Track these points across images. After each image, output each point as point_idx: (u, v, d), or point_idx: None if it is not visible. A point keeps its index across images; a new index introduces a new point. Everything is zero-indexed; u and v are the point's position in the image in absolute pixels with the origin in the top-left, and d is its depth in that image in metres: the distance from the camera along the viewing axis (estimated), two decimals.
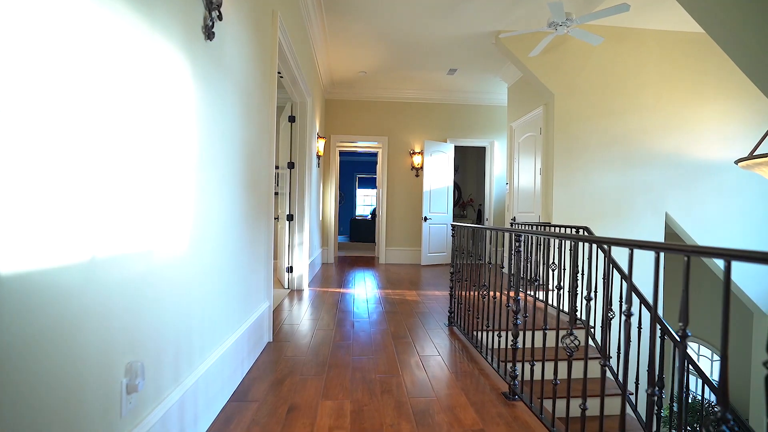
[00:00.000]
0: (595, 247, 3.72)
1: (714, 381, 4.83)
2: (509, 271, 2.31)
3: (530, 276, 2.18)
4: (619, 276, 2.83)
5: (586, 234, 3.40)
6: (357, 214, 13.07)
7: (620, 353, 2.78)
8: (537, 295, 4.02)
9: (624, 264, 2.84)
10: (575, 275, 1.65)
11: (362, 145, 7.58)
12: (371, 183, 13.20)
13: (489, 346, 2.40)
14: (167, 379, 1.29)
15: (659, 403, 2.18)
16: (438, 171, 6.76)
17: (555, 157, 4.67)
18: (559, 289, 1.79)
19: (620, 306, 2.87)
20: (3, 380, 0.67)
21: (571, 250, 1.65)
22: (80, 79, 0.85)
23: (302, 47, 3.99)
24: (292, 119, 4.46)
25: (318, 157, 5.80)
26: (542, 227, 4.21)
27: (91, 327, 0.90)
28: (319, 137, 5.74)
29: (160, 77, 1.19)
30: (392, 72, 6.08)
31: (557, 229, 3.88)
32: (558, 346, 1.63)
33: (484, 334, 2.63)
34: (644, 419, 2.10)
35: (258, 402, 1.84)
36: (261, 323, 2.50)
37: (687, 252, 1.07)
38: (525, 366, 2.59)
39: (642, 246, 1.23)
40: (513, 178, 5.86)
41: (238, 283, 2.04)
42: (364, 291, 4.52)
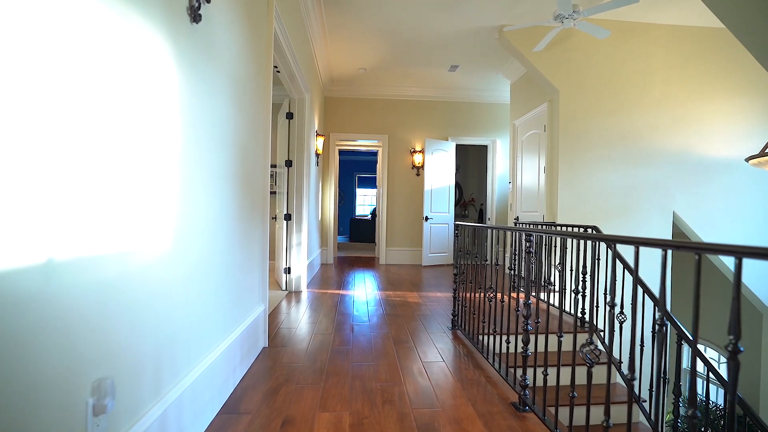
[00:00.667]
0: (605, 246, 3.60)
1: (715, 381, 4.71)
2: (513, 272, 2.20)
3: (538, 278, 2.06)
4: (631, 277, 2.71)
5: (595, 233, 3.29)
6: (357, 214, 12.95)
7: (636, 361, 2.66)
8: (541, 297, 3.90)
9: (645, 263, 2.75)
10: (590, 276, 1.53)
11: (362, 144, 7.46)
12: (371, 182, 13.08)
13: (495, 351, 2.28)
14: (146, 394, 1.16)
15: (676, 412, 2.06)
16: (439, 170, 6.64)
17: (560, 155, 4.55)
18: (577, 294, 1.67)
19: (633, 309, 2.75)
20: None
21: (590, 251, 1.52)
22: (39, 59, 0.73)
23: (300, 42, 3.86)
24: (290, 116, 4.34)
25: (317, 156, 5.68)
26: (549, 227, 4.09)
27: (48, 341, 0.78)
28: (318, 135, 5.62)
29: (136, 60, 1.07)
30: (392, 69, 5.96)
31: (565, 229, 3.76)
32: (576, 354, 1.51)
33: (490, 339, 2.51)
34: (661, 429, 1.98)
35: (250, 414, 1.71)
36: (256, 327, 2.37)
37: (697, 249, 0.99)
38: (535, 371, 2.47)
39: (649, 243, 1.17)
40: (516, 177, 5.74)
41: (230, 286, 1.92)
42: (364, 292, 4.39)
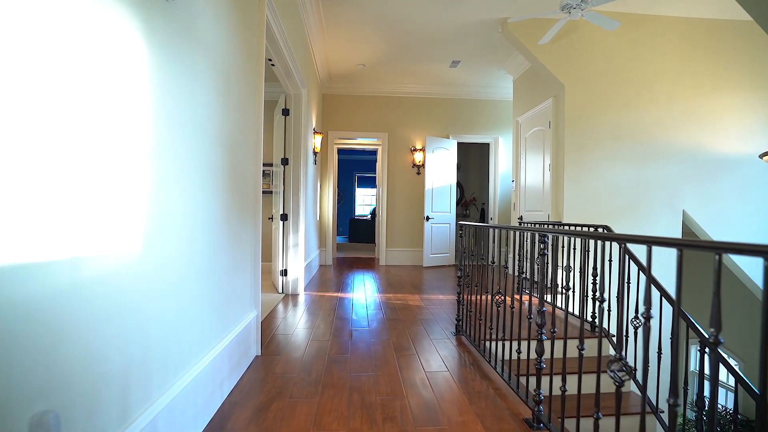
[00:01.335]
0: (617, 246, 3.46)
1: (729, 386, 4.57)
2: (520, 275, 2.04)
3: (545, 280, 1.90)
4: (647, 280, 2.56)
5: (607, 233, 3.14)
6: (356, 214, 12.79)
7: (659, 370, 2.49)
8: (547, 299, 3.75)
9: (658, 266, 2.58)
10: (599, 278, 1.37)
11: (361, 142, 7.30)
12: (371, 182, 12.92)
13: (502, 358, 2.13)
14: (109, 422, 1.01)
15: (699, 426, 1.90)
16: (440, 168, 6.49)
17: (565, 152, 4.39)
18: (596, 299, 1.51)
19: (646, 311, 2.60)
20: None
21: (595, 251, 1.36)
22: None
23: (296, 34, 3.71)
24: (286, 112, 4.19)
25: (314, 154, 5.52)
26: (562, 226, 3.93)
27: None
28: (316, 133, 5.46)
29: (95, 36, 0.91)
30: (392, 65, 5.80)
31: (574, 228, 3.60)
32: (581, 360, 1.36)
33: (498, 346, 2.35)
34: None
35: None
36: (247, 335, 2.22)
37: (717, 249, 0.90)
38: (544, 380, 2.31)
39: (663, 243, 1.10)
40: (519, 176, 5.58)
41: (216, 292, 1.76)
42: (364, 295, 4.24)
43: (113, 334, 1.01)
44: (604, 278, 1.47)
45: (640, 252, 3.23)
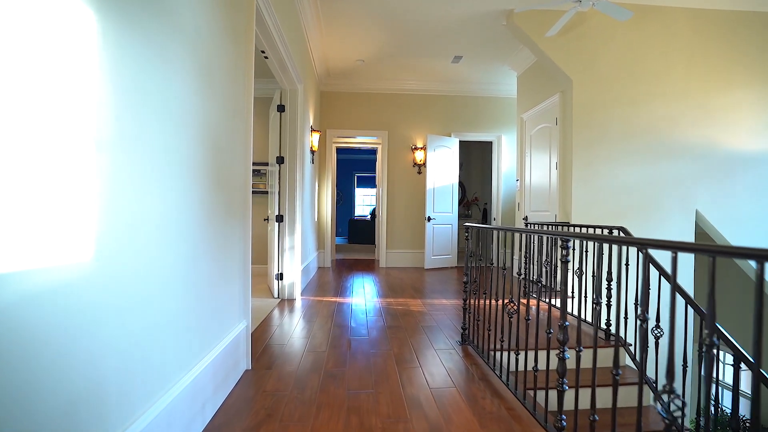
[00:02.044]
0: (634, 250, 3.27)
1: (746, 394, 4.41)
2: (532, 279, 1.86)
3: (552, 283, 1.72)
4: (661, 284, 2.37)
5: (623, 235, 2.95)
6: (356, 215, 12.60)
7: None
8: (551, 302, 3.56)
9: (683, 275, 2.41)
10: (616, 283, 1.18)
11: (361, 141, 7.12)
12: (370, 182, 12.73)
13: (509, 368, 1.95)
14: None
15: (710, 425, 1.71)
16: (442, 167, 6.30)
17: (573, 150, 4.21)
18: (613, 306, 1.32)
19: (671, 321, 2.41)
20: None
21: (634, 257, 1.18)
22: None
23: (291, 25, 3.52)
24: (281, 109, 4.00)
25: (312, 153, 5.33)
26: (567, 228, 3.74)
27: None
28: (313, 131, 5.27)
29: None
30: (392, 60, 5.61)
31: (586, 230, 3.42)
32: (595, 372, 1.17)
33: (510, 358, 2.17)
34: None
35: None
36: (235, 349, 2.03)
37: (760, 257, 0.79)
38: (554, 393, 2.13)
39: (694, 249, 1.01)
40: (524, 174, 5.39)
41: (197, 305, 1.57)
42: (363, 300, 4.05)
43: (52, 366, 0.83)
44: (618, 283, 1.30)
45: (658, 255, 3.04)
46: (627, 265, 2.68)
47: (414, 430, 1.62)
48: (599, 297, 1.37)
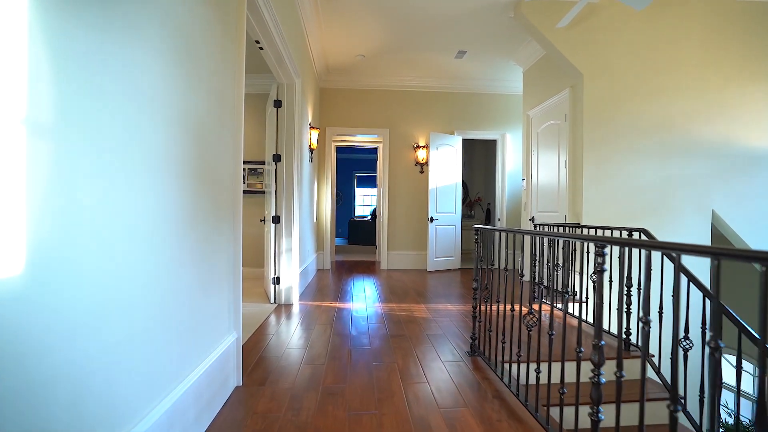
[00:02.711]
0: (657, 254, 3.09)
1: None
2: (539, 282, 1.66)
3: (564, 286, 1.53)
4: (715, 304, 2.18)
5: (646, 238, 2.76)
6: (356, 215, 12.41)
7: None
8: (559, 308, 3.36)
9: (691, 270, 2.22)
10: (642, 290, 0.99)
11: (361, 139, 6.93)
12: (371, 182, 12.53)
13: (521, 379, 1.76)
14: None
15: None
16: (445, 166, 6.10)
17: (584, 148, 4.01)
18: (633, 314, 1.13)
19: (704, 333, 2.22)
20: None
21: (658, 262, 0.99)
22: None
23: (289, 18, 3.32)
24: (278, 104, 3.80)
25: (311, 151, 5.13)
26: (588, 230, 3.55)
27: None
28: (312, 128, 5.07)
29: None
30: (394, 55, 5.42)
31: (602, 232, 3.23)
32: (620, 387, 0.98)
33: (520, 369, 1.97)
34: None
35: None
36: (224, 365, 1.83)
37: None
38: (569, 410, 1.94)
39: (737, 255, 0.90)
40: (530, 174, 5.20)
41: (174, 321, 1.38)
42: (365, 305, 3.85)
43: None
44: (648, 290, 1.12)
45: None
46: (650, 271, 2.48)
47: None
48: (626, 306, 1.18)
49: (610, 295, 2.32)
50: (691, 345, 2.11)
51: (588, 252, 3.17)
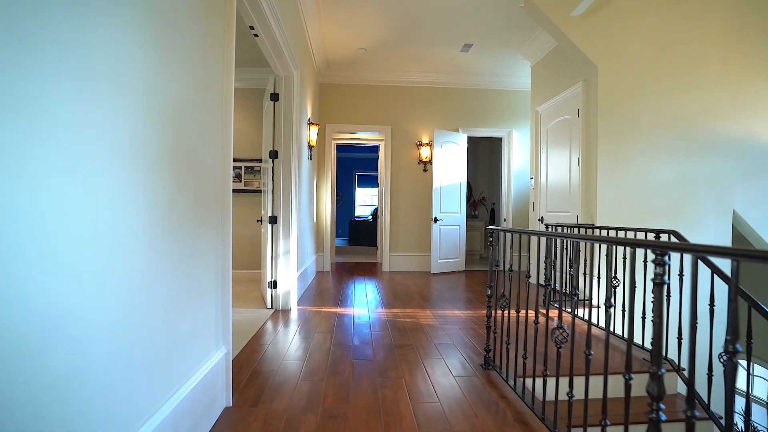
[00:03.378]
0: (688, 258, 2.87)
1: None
2: (544, 283, 1.45)
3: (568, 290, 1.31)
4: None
5: (677, 240, 2.54)
6: (357, 215, 12.19)
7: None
8: (572, 312, 3.14)
9: (706, 274, 1.99)
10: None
11: (362, 137, 6.70)
12: (372, 182, 12.30)
13: (541, 396, 1.55)
14: None
15: None
16: (449, 165, 5.88)
17: (599, 145, 3.79)
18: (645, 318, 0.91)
19: (750, 348, 2.01)
20: None
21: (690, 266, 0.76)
22: None
23: (287, 9, 3.10)
24: (275, 97, 3.58)
25: (310, 148, 4.91)
26: (620, 232, 3.33)
27: None
28: (312, 124, 4.85)
29: None
30: (397, 49, 5.20)
31: (624, 234, 3.01)
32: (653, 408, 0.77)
33: (551, 389, 1.76)
34: None
35: None
36: (210, 385, 1.62)
37: None
38: (594, 430, 1.74)
39: None
40: (539, 172, 4.98)
41: (144, 346, 1.16)
42: (367, 311, 3.63)
43: None
44: (680, 297, 0.93)
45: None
46: (681, 276, 2.28)
47: None
48: (659, 317, 0.96)
49: (623, 300, 2.11)
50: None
51: (615, 255, 2.94)
